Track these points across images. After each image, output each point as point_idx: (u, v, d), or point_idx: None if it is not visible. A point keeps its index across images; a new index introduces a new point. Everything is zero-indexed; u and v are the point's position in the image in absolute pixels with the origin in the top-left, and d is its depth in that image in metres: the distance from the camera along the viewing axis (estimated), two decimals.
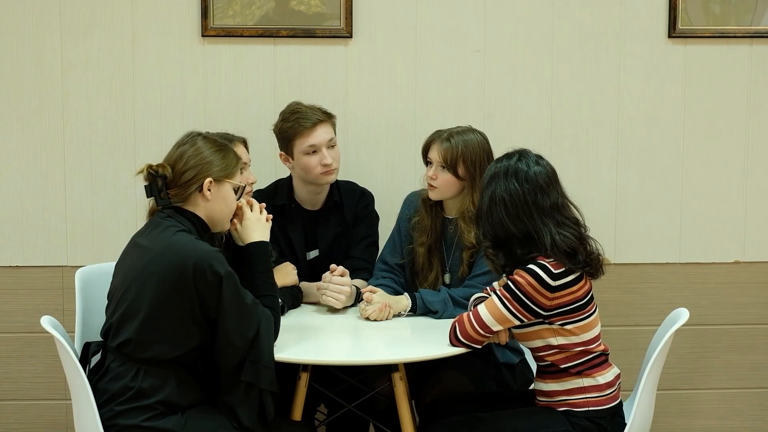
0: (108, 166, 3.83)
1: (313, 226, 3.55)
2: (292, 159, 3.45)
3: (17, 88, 3.79)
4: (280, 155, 3.49)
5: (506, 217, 2.87)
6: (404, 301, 3.25)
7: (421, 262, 3.41)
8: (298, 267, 3.43)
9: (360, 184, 3.65)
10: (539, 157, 2.96)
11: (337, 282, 3.27)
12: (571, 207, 2.95)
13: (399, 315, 3.25)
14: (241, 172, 3.12)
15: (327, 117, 3.45)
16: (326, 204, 3.55)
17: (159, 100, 3.81)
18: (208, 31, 3.77)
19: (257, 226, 3.01)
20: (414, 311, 3.24)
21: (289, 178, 3.57)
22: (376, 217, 3.61)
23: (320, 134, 3.41)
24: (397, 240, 3.49)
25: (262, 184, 3.54)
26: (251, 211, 3.03)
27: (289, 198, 3.53)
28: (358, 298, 3.38)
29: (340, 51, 3.82)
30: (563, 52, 3.85)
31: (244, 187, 3.01)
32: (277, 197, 3.52)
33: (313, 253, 3.55)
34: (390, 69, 3.84)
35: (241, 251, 3.05)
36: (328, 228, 3.53)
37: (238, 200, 2.95)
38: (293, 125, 3.41)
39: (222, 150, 2.91)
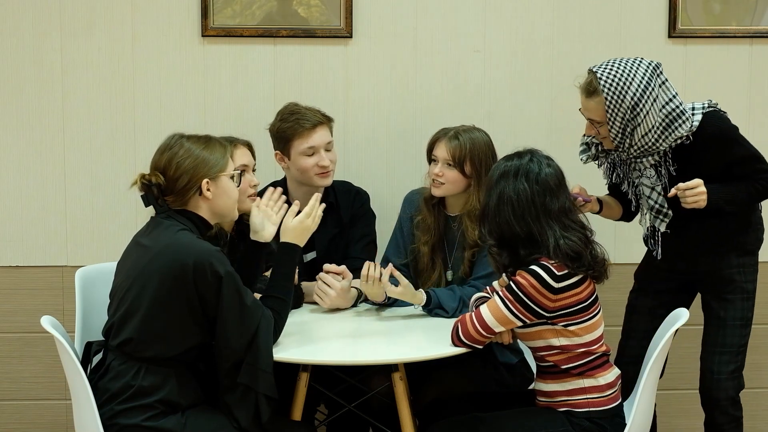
0: (108, 166, 3.83)
1: None
2: (288, 159, 3.44)
3: (17, 88, 3.79)
4: (276, 155, 3.48)
5: (512, 217, 2.85)
6: (420, 295, 3.22)
7: (425, 261, 3.41)
8: None
9: (359, 184, 3.65)
10: (549, 159, 2.93)
11: (327, 280, 3.27)
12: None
13: (412, 306, 3.24)
14: (243, 174, 3.12)
15: (326, 119, 3.46)
16: None
17: (159, 100, 3.81)
18: (208, 31, 3.77)
19: (300, 231, 2.99)
20: (428, 306, 3.22)
21: (284, 179, 3.56)
22: (373, 216, 3.61)
23: (319, 136, 3.41)
24: (400, 240, 3.49)
25: (262, 184, 3.53)
26: (305, 215, 3.02)
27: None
28: (359, 299, 3.38)
29: (340, 51, 3.82)
30: (563, 52, 3.85)
31: (241, 172, 3.00)
32: None
33: (311, 255, 3.54)
34: (390, 69, 3.84)
35: (254, 246, 3.04)
36: (325, 229, 3.52)
37: (238, 186, 2.94)
38: (293, 125, 3.41)
39: (208, 146, 2.88)
